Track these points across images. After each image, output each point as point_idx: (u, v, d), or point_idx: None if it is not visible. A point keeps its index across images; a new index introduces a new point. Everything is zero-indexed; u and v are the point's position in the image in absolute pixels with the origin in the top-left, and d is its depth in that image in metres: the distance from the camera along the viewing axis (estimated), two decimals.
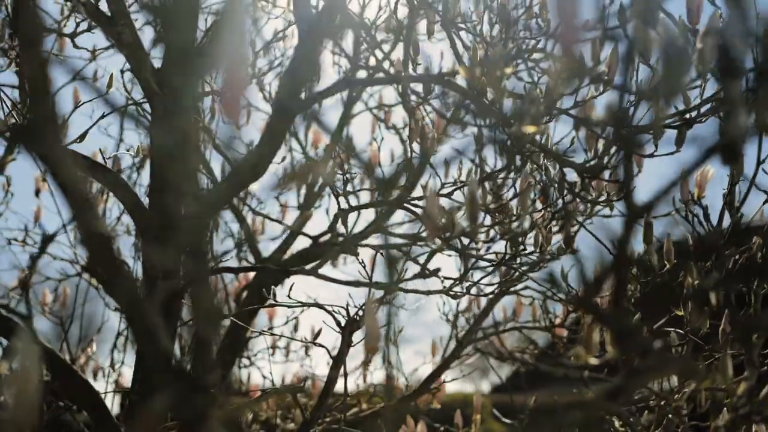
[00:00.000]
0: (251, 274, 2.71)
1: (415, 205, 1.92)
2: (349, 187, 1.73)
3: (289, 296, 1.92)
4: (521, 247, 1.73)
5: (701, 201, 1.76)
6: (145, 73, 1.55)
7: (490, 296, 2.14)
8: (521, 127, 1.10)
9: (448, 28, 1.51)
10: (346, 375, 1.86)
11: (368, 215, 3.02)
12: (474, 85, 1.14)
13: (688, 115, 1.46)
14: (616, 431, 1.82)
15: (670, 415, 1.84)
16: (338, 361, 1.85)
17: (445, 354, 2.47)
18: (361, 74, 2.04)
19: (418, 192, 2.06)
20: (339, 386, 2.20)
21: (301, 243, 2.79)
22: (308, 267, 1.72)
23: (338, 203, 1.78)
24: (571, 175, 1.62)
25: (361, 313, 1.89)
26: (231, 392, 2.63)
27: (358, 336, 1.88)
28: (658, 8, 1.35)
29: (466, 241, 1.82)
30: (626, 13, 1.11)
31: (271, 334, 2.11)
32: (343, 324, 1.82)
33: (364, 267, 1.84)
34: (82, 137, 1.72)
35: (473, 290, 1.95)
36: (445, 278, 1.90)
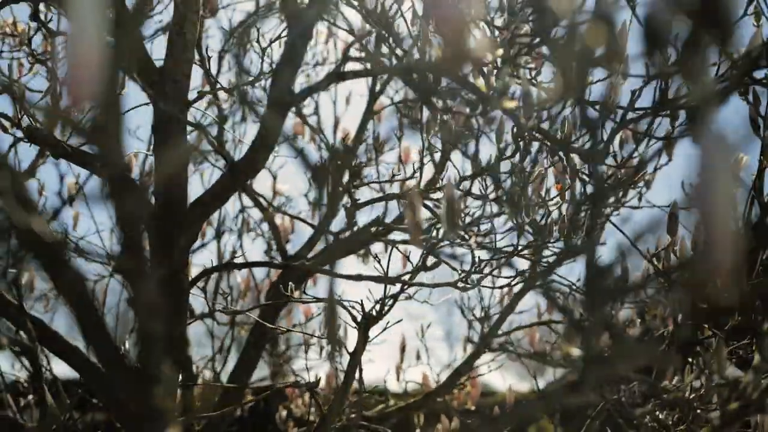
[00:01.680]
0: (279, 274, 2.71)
1: (433, 200, 1.90)
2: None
3: (305, 293, 1.92)
4: (535, 239, 1.69)
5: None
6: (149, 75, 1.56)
7: (502, 289, 2.09)
8: (501, 103, 1.07)
9: None
10: (361, 371, 1.84)
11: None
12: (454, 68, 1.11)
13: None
14: (646, 427, 1.76)
15: (698, 411, 1.77)
16: (355, 357, 1.84)
17: (472, 350, 2.43)
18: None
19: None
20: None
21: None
22: (308, 263, 1.71)
23: (350, 198, 1.77)
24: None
25: (378, 308, 1.88)
26: (256, 388, 2.64)
27: (374, 332, 1.87)
28: None
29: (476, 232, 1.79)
30: None
31: (287, 331, 2.11)
32: (359, 320, 1.81)
33: (379, 261, 1.82)
34: None
35: (491, 285, 1.91)
36: (463, 272, 1.87)
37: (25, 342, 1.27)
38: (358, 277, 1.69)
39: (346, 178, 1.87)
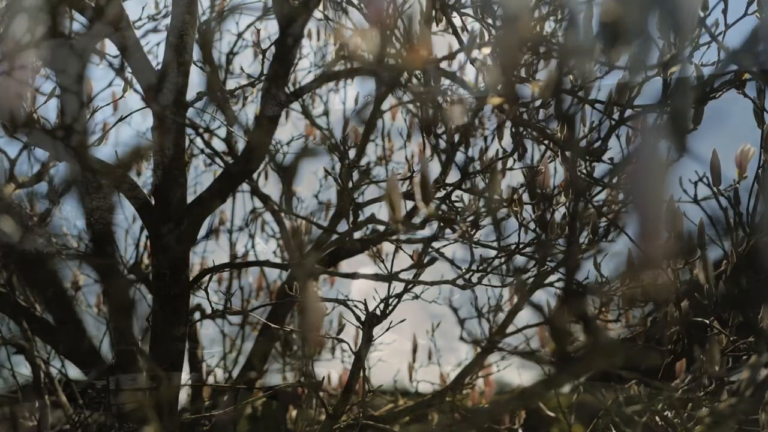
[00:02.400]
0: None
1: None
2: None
3: None
4: (536, 236, 1.68)
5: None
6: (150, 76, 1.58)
7: (506, 287, 2.08)
8: (489, 98, 1.06)
9: (447, 12, 1.47)
10: (365, 370, 1.84)
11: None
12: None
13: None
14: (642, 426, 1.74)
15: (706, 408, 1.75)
16: (359, 356, 1.84)
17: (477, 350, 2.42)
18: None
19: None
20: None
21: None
22: (306, 262, 1.71)
23: (351, 198, 1.77)
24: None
25: (381, 307, 1.88)
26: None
27: (378, 331, 1.87)
28: None
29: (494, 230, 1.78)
30: None
31: (291, 331, 2.11)
32: (363, 319, 1.81)
33: (382, 261, 1.82)
34: (99, 140, 1.77)
35: (495, 283, 1.90)
36: (468, 270, 1.86)
37: (21, 341, 1.29)
38: (354, 276, 1.70)
39: (352, 179, 1.88)
